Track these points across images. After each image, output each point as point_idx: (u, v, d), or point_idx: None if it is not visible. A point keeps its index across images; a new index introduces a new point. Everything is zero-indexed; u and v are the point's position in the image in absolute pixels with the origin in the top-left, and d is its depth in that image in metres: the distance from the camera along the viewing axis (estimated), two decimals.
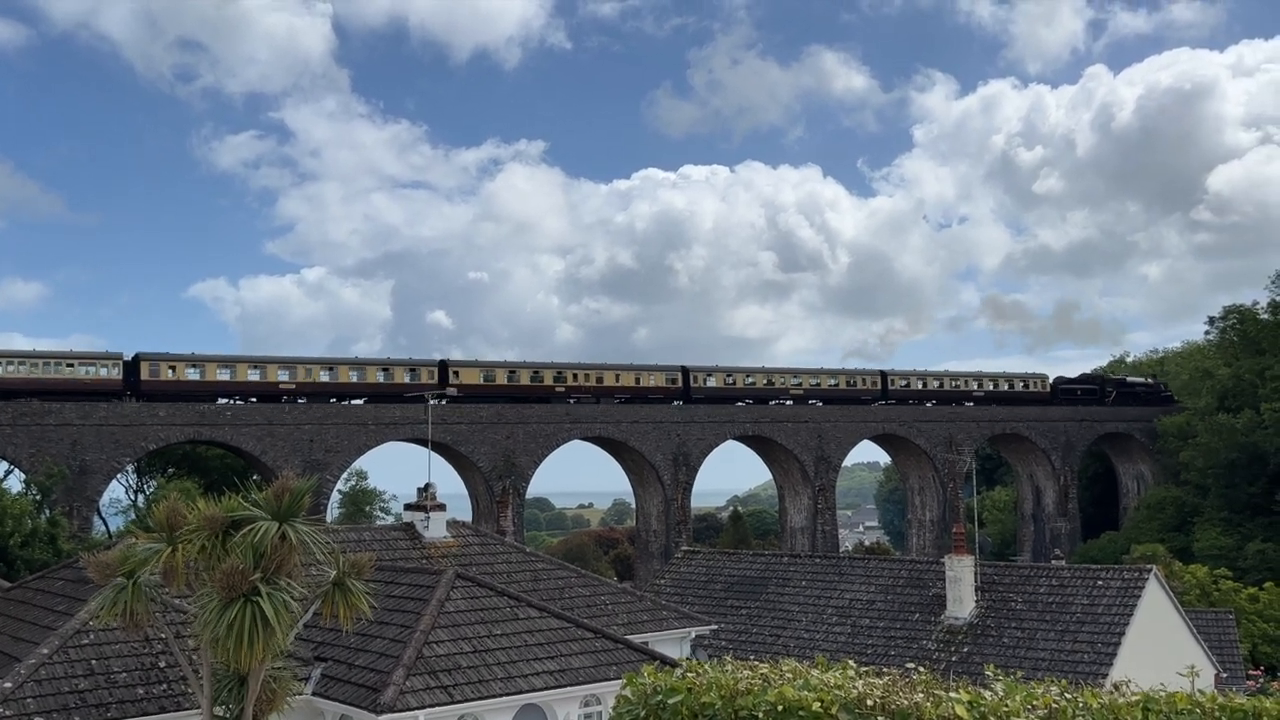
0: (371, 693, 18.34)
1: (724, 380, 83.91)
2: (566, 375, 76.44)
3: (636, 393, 79.22)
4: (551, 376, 75.83)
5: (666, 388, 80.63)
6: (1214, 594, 56.70)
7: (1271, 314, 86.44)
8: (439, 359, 73.37)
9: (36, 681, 17.62)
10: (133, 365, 64.02)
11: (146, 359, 64.41)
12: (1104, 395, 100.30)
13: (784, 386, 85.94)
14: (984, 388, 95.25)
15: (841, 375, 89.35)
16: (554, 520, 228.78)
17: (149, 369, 64.07)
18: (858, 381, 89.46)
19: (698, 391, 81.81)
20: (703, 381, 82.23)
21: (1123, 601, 28.31)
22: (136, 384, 63.73)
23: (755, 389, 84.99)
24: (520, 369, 75.48)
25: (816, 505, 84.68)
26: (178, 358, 65.81)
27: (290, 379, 67.64)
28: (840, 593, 33.47)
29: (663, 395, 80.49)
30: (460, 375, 71.78)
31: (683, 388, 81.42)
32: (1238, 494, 79.57)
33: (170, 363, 65.20)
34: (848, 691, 6.80)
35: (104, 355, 63.85)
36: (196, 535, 14.99)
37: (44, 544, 45.48)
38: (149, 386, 64.04)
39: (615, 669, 20.23)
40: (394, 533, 28.17)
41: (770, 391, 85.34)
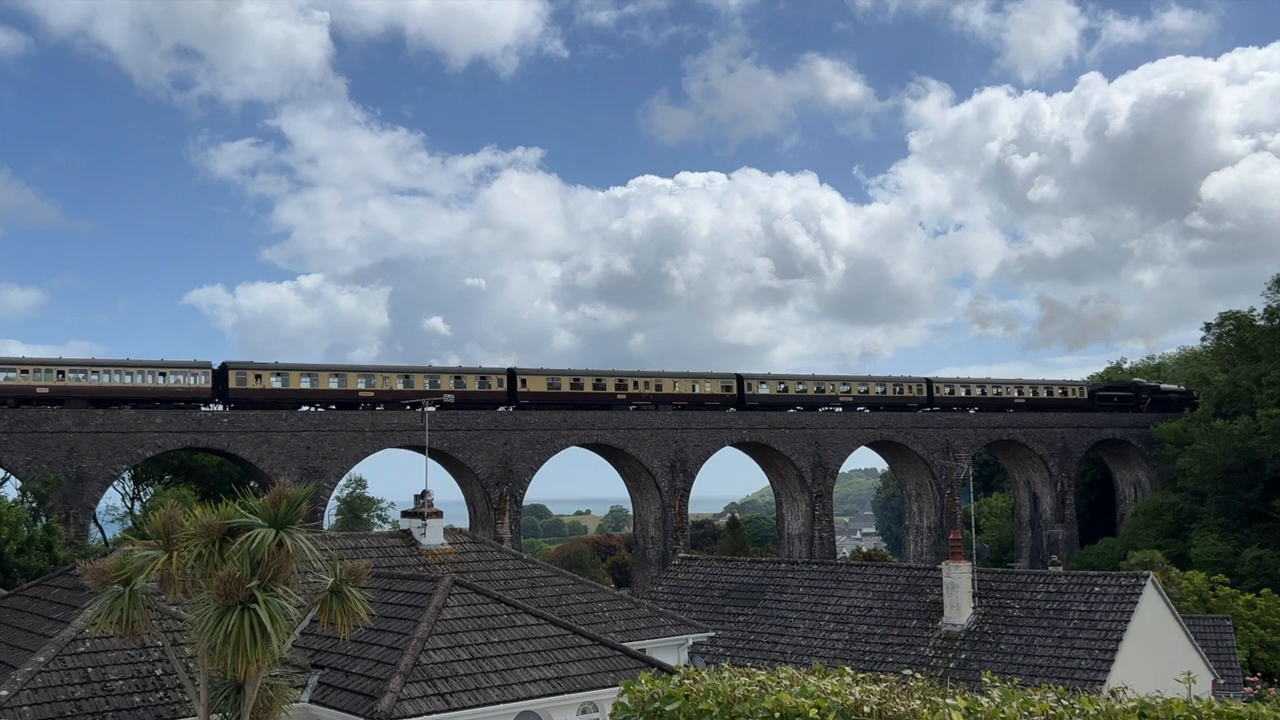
0: (368, 700, 18.31)
1: (777, 388, 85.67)
2: (628, 383, 78.73)
3: (693, 399, 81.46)
4: (614, 384, 78.11)
5: (722, 395, 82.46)
6: (1211, 600, 56.73)
7: (1268, 320, 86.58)
8: (508, 367, 76.02)
9: (32, 689, 17.57)
10: (220, 374, 66.02)
11: (234, 367, 66.50)
12: (1139, 402, 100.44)
13: (834, 393, 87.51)
14: (1024, 394, 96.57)
15: (889, 382, 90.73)
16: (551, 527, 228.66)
17: (236, 377, 66.29)
18: (904, 389, 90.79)
19: (752, 398, 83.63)
20: (756, 388, 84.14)
21: (1120, 608, 28.30)
22: (225, 392, 65.87)
23: (806, 395, 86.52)
24: (584, 376, 77.63)
25: (814, 512, 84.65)
26: (263, 366, 67.56)
27: (368, 386, 69.92)
28: (837, 599, 33.45)
29: (719, 402, 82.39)
30: (527, 383, 74.92)
31: (737, 394, 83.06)
32: (1235, 500, 79.61)
33: (256, 371, 67.01)
34: (845, 698, 6.81)
35: (194, 364, 65.66)
36: (193, 542, 14.98)
37: (40, 551, 45.42)
38: (236, 394, 66.34)
39: (613, 676, 20.21)
40: (391, 540, 28.14)
41: (820, 399, 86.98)
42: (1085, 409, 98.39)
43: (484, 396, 73.87)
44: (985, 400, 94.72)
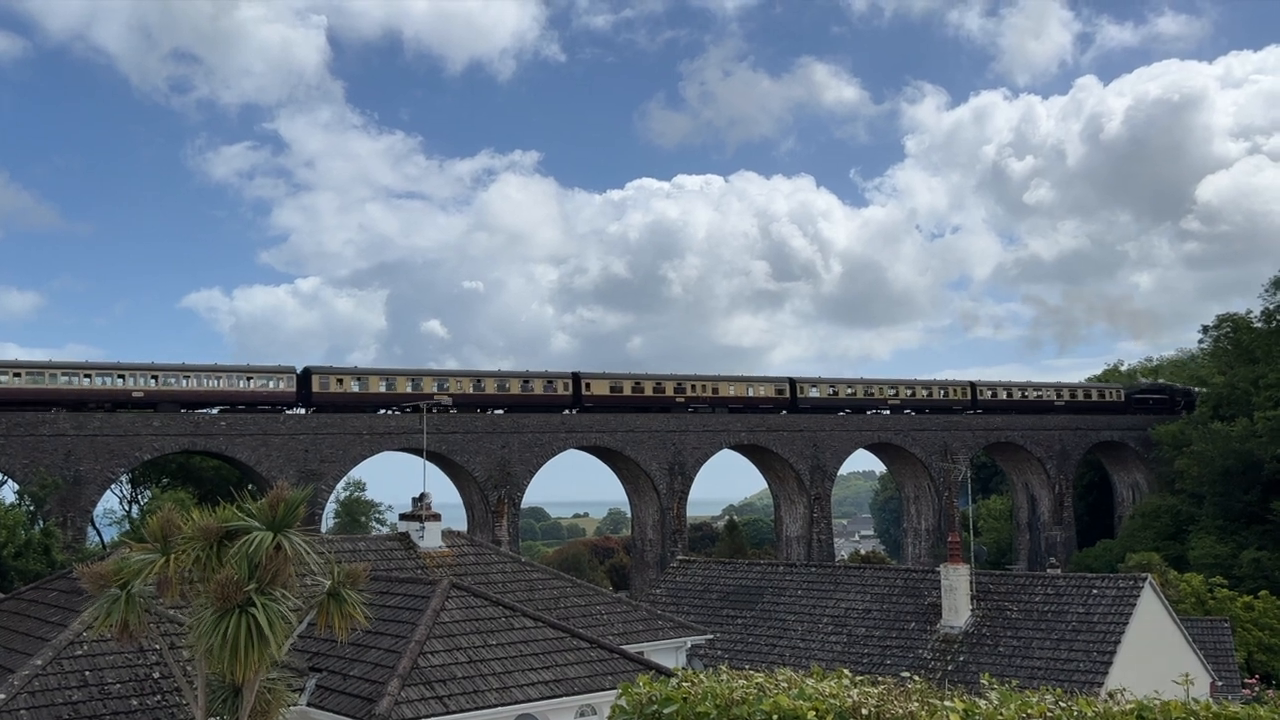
0: (366, 703, 18.29)
1: (827, 391, 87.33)
2: (686, 386, 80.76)
3: (748, 403, 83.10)
4: (673, 388, 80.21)
5: (775, 398, 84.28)
6: (1209, 602, 56.76)
7: (1265, 322, 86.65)
8: (572, 371, 77.85)
9: (30, 693, 17.55)
10: (304, 378, 68.15)
11: (317, 372, 68.90)
12: (1174, 404, 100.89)
13: (881, 397, 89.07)
14: (1063, 398, 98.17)
15: (934, 385, 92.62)
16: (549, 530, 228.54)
17: (319, 382, 68.65)
18: (949, 392, 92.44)
19: (803, 401, 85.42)
20: (807, 392, 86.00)
21: (1118, 610, 28.32)
22: (308, 396, 67.97)
23: (855, 399, 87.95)
24: (644, 380, 79.74)
25: (812, 514, 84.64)
26: (343, 371, 70.43)
27: (441, 389, 71.69)
28: (836, 602, 33.45)
29: (772, 405, 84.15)
30: (591, 387, 77.35)
31: (790, 397, 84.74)
32: (1232, 502, 79.64)
33: (338, 376, 69.61)
34: (843, 700, 6.80)
35: (279, 369, 68.19)
36: (191, 546, 14.96)
37: (38, 555, 45.40)
38: (320, 398, 68.51)
39: (611, 679, 20.20)
40: (389, 543, 28.12)
41: (869, 401, 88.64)
42: (1122, 411, 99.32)
43: (551, 400, 76.15)
44: (1027, 404, 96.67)
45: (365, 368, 71.88)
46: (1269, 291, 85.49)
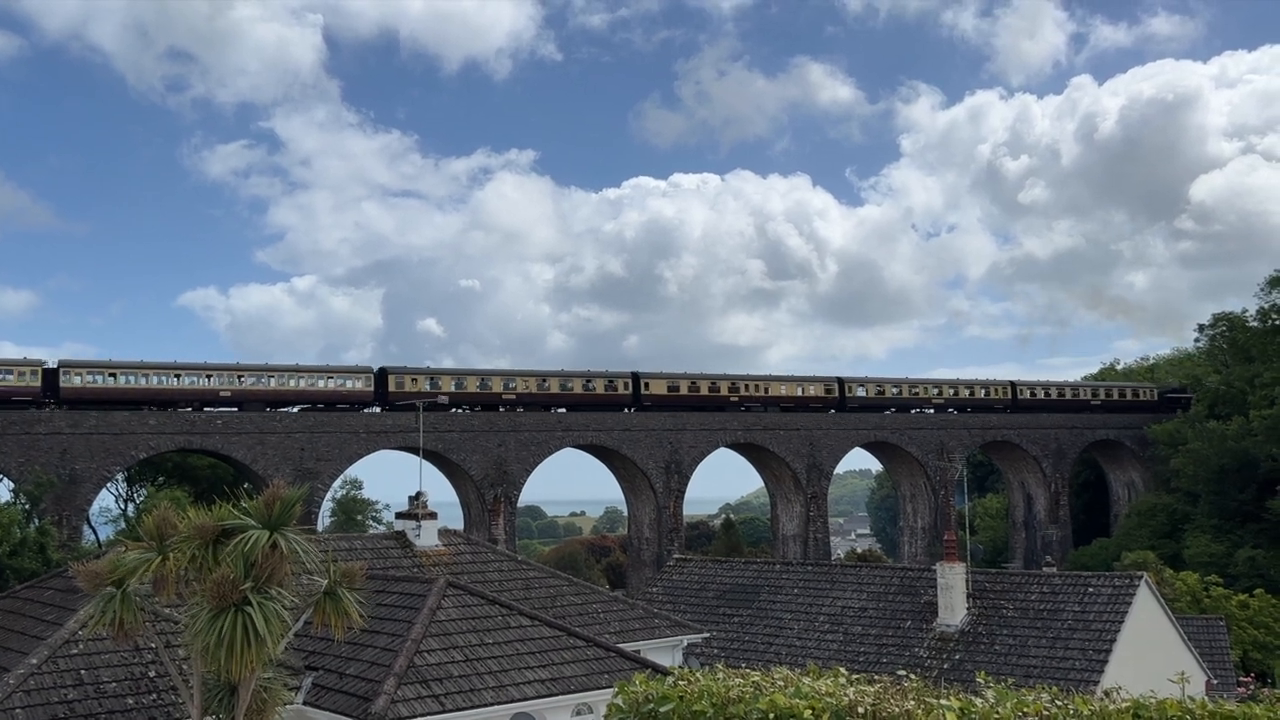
0: (363, 702, 18.28)
1: (874, 390, 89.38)
2: (740, 386, 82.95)
3: (799, 401, 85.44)
4: (727, 387, 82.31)
5: (824, 397, 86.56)
6: (1205, 601, 56.89)
7: (1260, 321, 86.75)
8: (631, 371, 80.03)
9: (25, 692, 17.52)
10: (380, 378, 70.61)
11: (392, 372, 71.36)
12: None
13: (926, 396, 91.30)
14: (1098, 396, 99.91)
15: (976, 385, 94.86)
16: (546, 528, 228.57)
17: (395, 381, 70.91)
18: (990, 391, 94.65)
19: (851, 400, 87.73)
20: (854, 391, 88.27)
21: (1114, 608, 28.36)
22: (384, 395, 70.19)
23: (900, 398, 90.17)
24: (700, 380, 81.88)
25: (809, 513, 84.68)
26: (417, 371, 72.95)
27: (509, 389, 74.79)
28: (832, 600, 33.47)
29: (821, 404, 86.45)
30: (650, 386, 79.62)
31: (838, 396, 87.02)
32: (1228, 501, 79.76)
33: (412, 375, 72.10)
34: (839, 699, 6.80)
35: (359, 369, 71.32)
36: (187, 544, 14.94)
37: (33, 553, 45.30)
38: (394, 397, 70.46)
39: (607, 677, 20.20)
40: (385, 541, 28.10)
41: (913, 400, 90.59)
42: (1156, 410, 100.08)
43: (611, 399, 78.31)
44: (1065, 403, 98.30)
45: (437, 367, 74.86)
46: (1264, 291, 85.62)
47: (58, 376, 61.91)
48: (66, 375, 62.10)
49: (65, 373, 62.14)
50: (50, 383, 61.65)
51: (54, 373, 61.95)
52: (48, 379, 61.59)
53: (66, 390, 61.99)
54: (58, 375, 61.97)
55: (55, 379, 61.83)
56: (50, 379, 61.70)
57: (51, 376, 61.79)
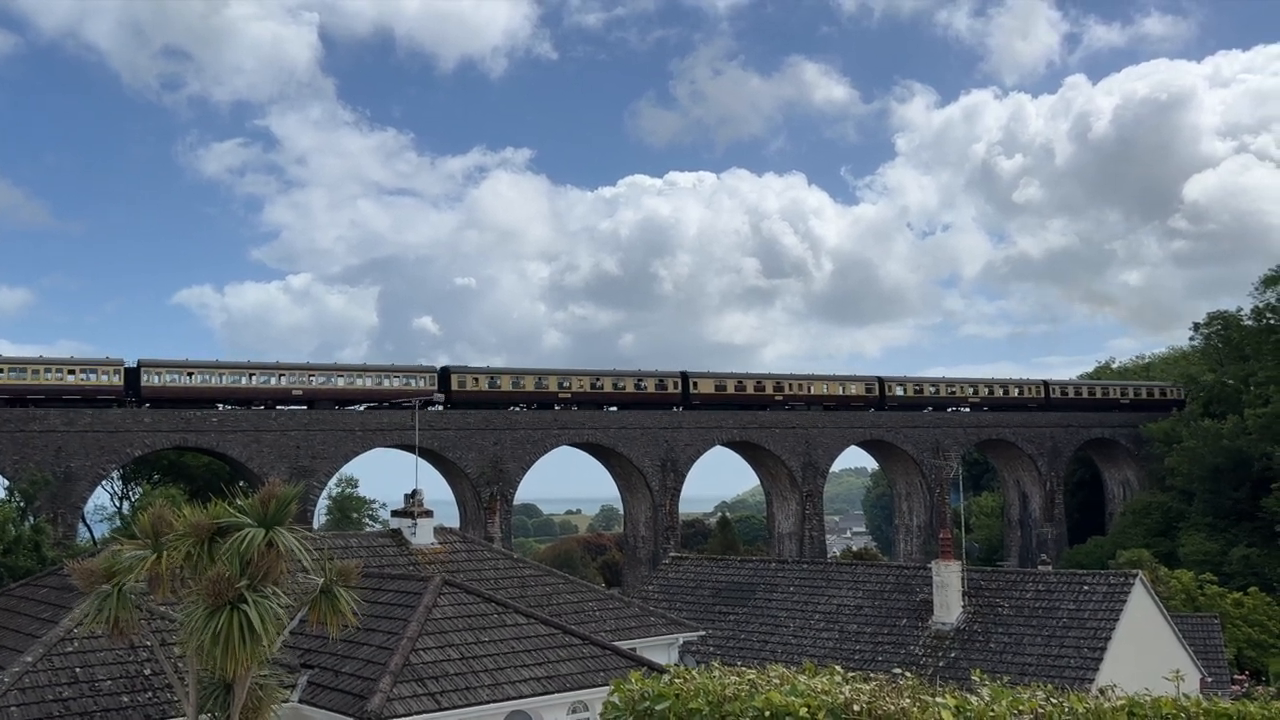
0: (358, 700, 18.28)
1: (912, 389, 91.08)
2: (783, 385, 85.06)
3: (840, 400, 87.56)
4: (772, 386, 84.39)
5: (865, 396, 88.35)
6: (1199, 599, 57.01)
7: (1255, 320, 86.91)
8: (680, 371, 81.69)
9: (20, 690, 17.50)
10: (443, 376, 72.41)
11: (455, 371, 73.15)
12: None
13: (962, 395, 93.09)
14: (1127, 396, 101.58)
15: (1010, 384, 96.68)
16: (542, 526, 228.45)
17: (457, 380, 72.57)
18: (1025, 390, 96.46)
19: (890, 399, 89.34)
20: (894, 390, 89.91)
21: (1109, 606, 28.42)
22: (447, 394, 71.46)
23: (937, 397, 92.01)
24: (746, 380, 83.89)
25: (804, 511, 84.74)
26: (478, 370, 74.61)
27: (563, 388, 76.44)
28: (828, 598, 33.51)
29: (862, 403, 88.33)
30: (698, 385, 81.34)
31: (879, 395, 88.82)
32: (1222, 499, 79.93)
33: (473, 375, 73.77)
34: (834, 697, 6.81)
35: (423, 369, 72.96)
36: (182, 542, 14.93)
37: (28, 551, 45.17)
38: (456, 395, 72.14)
39: (603, 675, 20.22)
40: (381, 539, 28.11)
41: (949, 399, 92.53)
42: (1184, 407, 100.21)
43: (661, 398, 79.89)
44: (1096, 402, 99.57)
45: (497, 367, 76.30)
46: (1259, 290, 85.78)
47: (139, 375, 63.56)
48: (147, 374, 63.76)
49: (146, 372, 63.76)
50: (131, 382, 63.28)
51: (135, 372, 63.59)
52: (129, 378, 63.25)
53: (147, 389, 63.74)
54: (139, 374, 63.59)
55: (137, 378, 63.48)
56: (132, 378, 63.34)
57: (133, 375, 63.44)
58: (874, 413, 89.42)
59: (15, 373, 60.55)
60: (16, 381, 60.46)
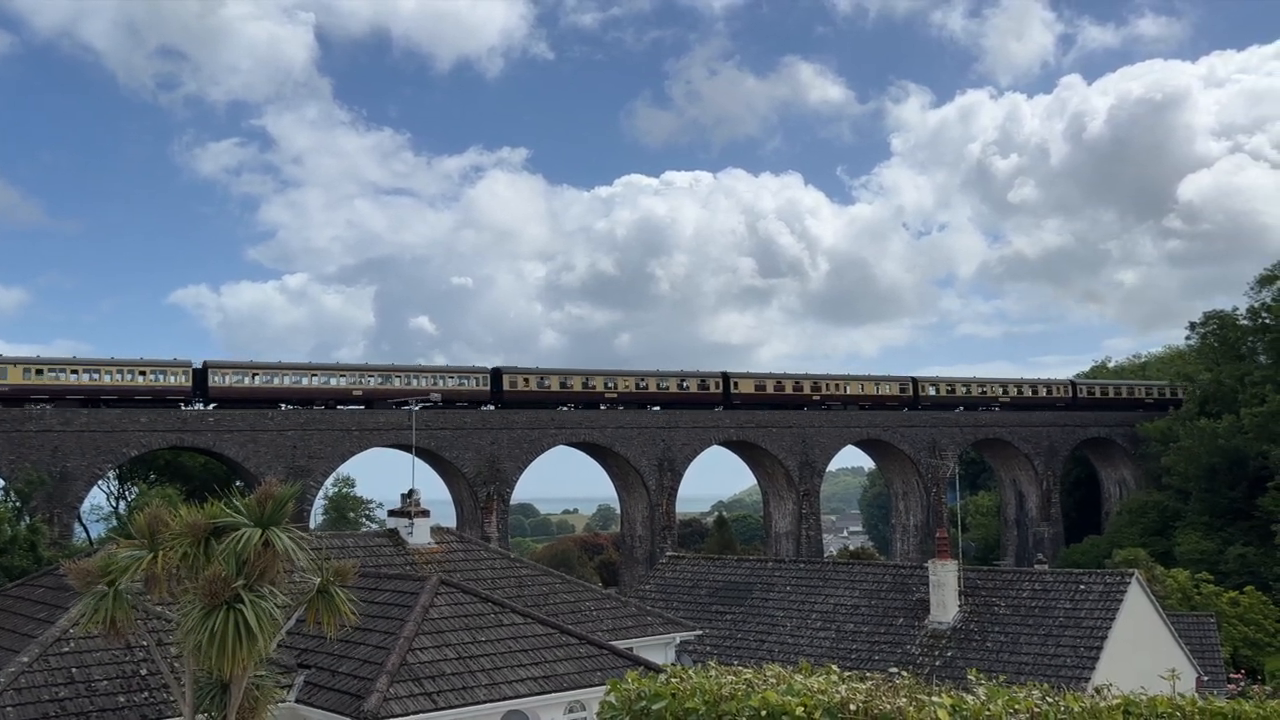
0: (355, 700, 18.27)
1: (945, 390, 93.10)
2: (821, 385, 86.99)
3: (875, 400, 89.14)
4: (809, 386, 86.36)
5: (899, 395, 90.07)
6: (1195, 598, 57.07)
7: (1251, 319, 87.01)
8: (721, 371, 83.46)
9: (16, 690, 17.47)
10: (495, 377, 74.26)
11: (506, 372, 74.91)
12: None
13: (992, 395, 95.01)
14: (1152, 395, 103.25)
15: (1039, 384, 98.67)
16: (539, 526, 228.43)
17: (509, 381, 74.44)
18: (1053, 390, 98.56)
19: (924, 399, 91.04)
20: (926, 390, 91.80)
21: (1105, 606, 28.45)
22: (499, 394, 73.84)
23: (969, 396, 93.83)
24: (785, 380, 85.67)
25: (801, 510, 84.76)
26: (528, 371, 76.30)
27: (612, 389, 78.12)
28: (824, 598, 33.52)
29: (897, 402, 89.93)
30: (739, 385, 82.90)
31: (912, 395, 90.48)
32: (1219, 498, 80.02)
33: (524, 375, 75.48)
34: (831, 696, 6.82)
35: (475, 369, 74.69)
36: (179, 542, 14.92)
37: (24, 551, 45.09)
38: (509, 396, 74.09)
39: (600, 675, 20.22)
40: (378, 539, 28.09)
41: (979, 399, 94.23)
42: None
43: (703, 398, 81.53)
44: (1131, 401, 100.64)
45: (545, 368, 77.69)
46: (1254, 289, 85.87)
47: (206, 376, 65.14)
48: (214, 375, 65.44)
49: (213, 373, 65.42)
50: (199, 382, 64.98)
51: (202, 372, 65.17)
52: (197, 378, 64.94)
53: (215, 389, 65.48)
54: (206, 375, 65.18)
55: (204, 378, 65.08)
56: (199, 378, 64.99)
57: (200, 376, 65.05)
58: (870, 412, 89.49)
59: (90, 374, 62.20)
60: (91, 383, 62.10)
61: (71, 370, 62.00)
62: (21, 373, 60.38)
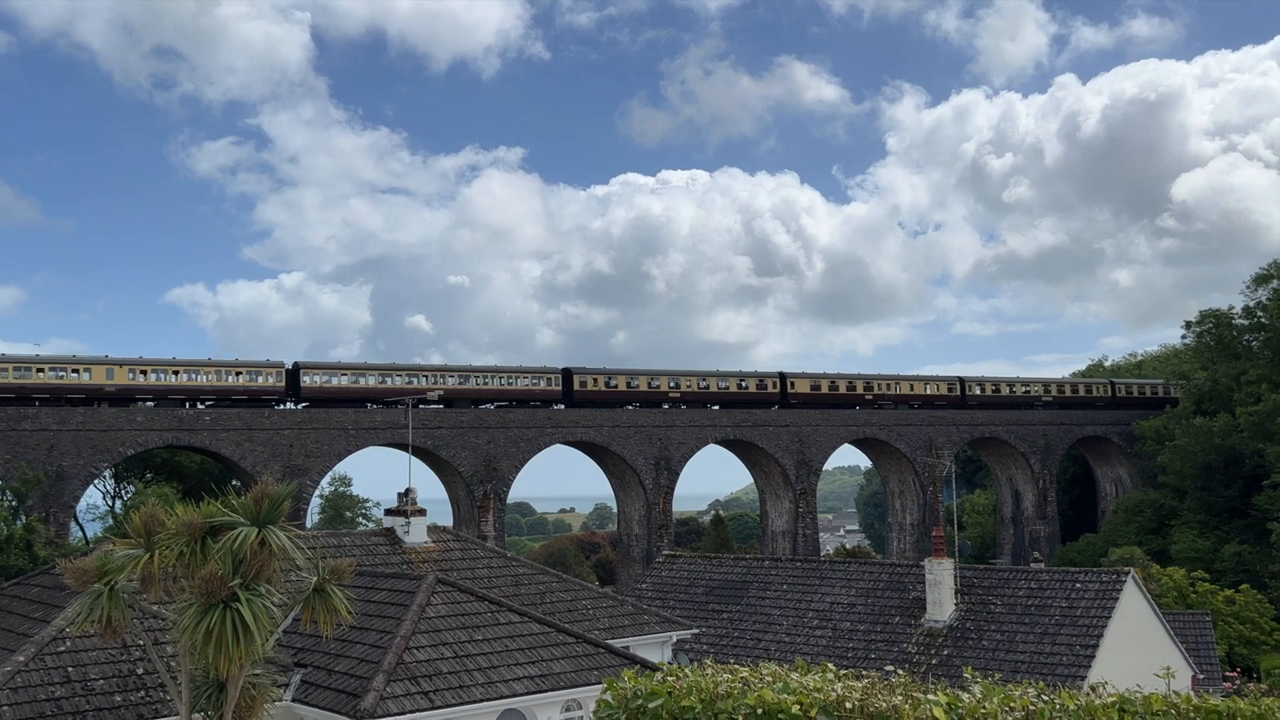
0: (352, 698, 18.27)
1: (990, 389, 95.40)
2: (872, 385, 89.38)
3: (925, 400, 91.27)
4: (862, 386, 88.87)
5: (947, 395, 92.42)
6: (1191, 596, 57.17)
7: (1246, 318, 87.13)
8: (778, 371, 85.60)
9: (12, 689, 17.45)
10: (566, 377, 76.10)
11: (576, 372, 76.56)
12: None
13: (1035, 394, 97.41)
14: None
15: (1080, 384, 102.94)
16: (535, 525, 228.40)
17: (579, 381, 76.28)
18: (1093, 390, 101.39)
19: (970, 398, 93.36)
20: (973, 390, 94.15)
21: (1101, 604, 28.50)
22: (569, 393, 75.71)
23: (1015, 396, 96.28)
24: (839, 379, 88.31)
25: (798, 509, 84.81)
26: (597, 371, 78.16)
27: (674, 388, 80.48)
28: (821, 596, 33.55)
29: (945, 401, 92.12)
30: (795, 385, 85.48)
31: (960, 395, 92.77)
32: (1214, 497, 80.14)
33: (594, 375, 77.28)
34: (827, 694, 6.83)
35: (547, 370, 76.44)
36: (175, 541, 14.91)
37: (20, 550, 45.07)
38: (579, 395, 75.86)
39: (596, 673, 20.23)
40: (374, 538, 28.07)
41: (1023, 399, 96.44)
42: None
43: (760, 397, 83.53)
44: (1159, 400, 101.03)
45: (614, 368, 79.91)
46: (1250, 288, 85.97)
47: (298, 376, 67.06)
48: (306, 375, 67.39)
49: (305, 373, 67.37)
50: (292, 382, 66.97)
51: (294, 373, 67.16)
52: (290, 378, 66.96)
53: (307, 389, 67.41)
54: (298, 375, 67.10)
55: (296, 379, 67.03)
56: (292, 379, 67.01)
57: (292, 376, 67.05)
58: (867, 410, 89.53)
59: (189, 374, 64.57)
60: (189, 384, 64.47)
61: (173, 371, 64.23)
62: (128, 373, 62.81)
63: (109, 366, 62.47)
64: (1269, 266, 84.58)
